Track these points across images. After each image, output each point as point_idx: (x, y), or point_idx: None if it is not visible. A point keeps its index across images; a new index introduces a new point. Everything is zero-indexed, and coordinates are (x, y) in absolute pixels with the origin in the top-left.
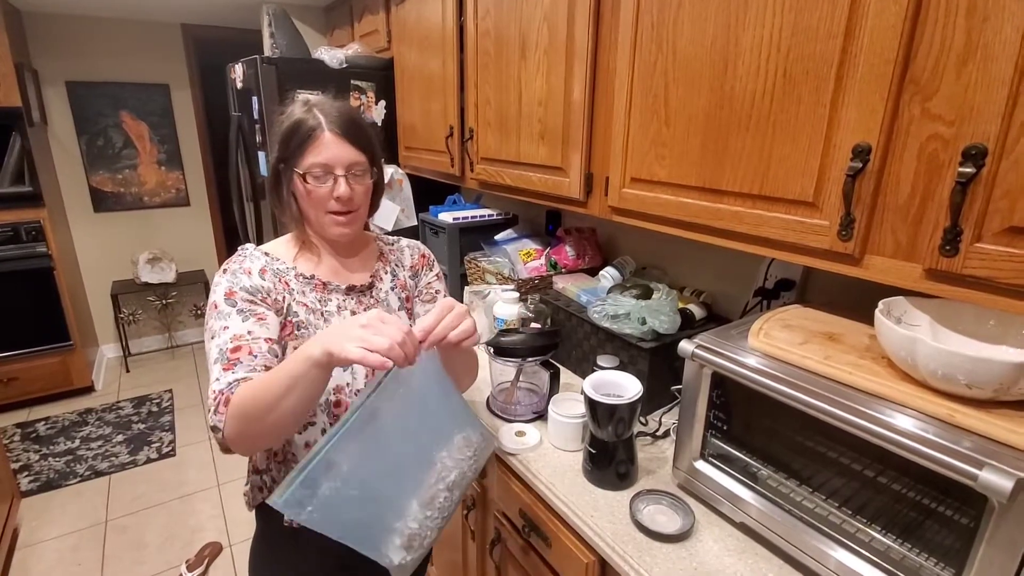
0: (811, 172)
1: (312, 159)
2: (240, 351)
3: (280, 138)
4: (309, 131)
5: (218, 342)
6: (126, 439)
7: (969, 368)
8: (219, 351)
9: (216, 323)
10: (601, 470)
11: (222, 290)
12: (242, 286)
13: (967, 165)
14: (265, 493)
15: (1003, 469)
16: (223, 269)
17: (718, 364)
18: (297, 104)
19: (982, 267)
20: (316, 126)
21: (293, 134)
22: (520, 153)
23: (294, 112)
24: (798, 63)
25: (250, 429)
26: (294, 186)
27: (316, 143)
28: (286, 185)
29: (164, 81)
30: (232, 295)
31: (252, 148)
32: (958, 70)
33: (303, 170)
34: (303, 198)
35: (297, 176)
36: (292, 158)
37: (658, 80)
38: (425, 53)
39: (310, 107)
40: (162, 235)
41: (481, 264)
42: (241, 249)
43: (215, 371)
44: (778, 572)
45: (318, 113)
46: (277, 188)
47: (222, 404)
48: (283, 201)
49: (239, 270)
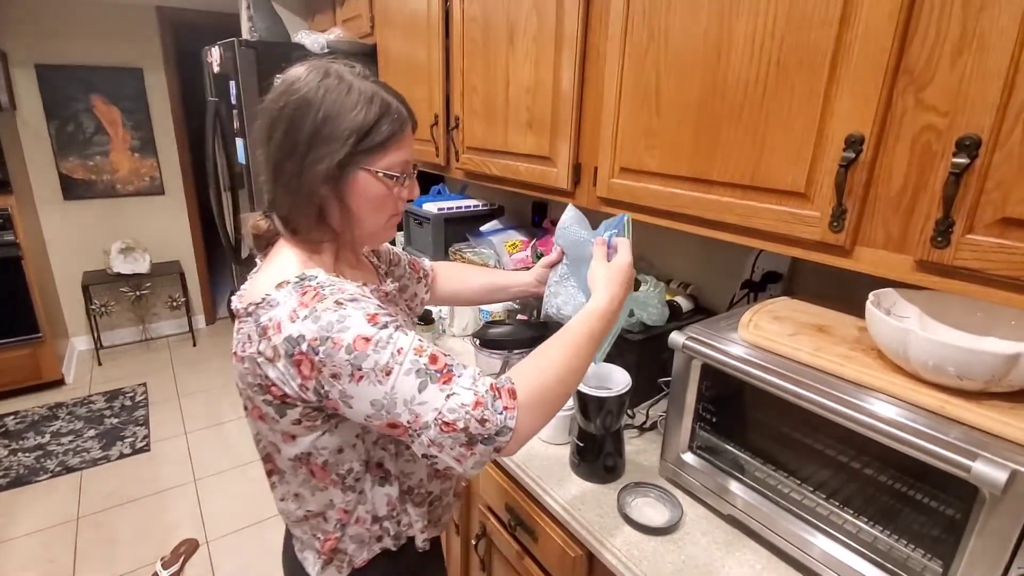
0: (803, 163)
1: (395, 156)
2: (438, 359)
3: (354, 128)
4: (399, 123)
5: (407, 368)
6: (98, 434)
7: (961, 360)
8: (420, 373)
9: (383, 356)
10: (589, 463)
11: (357, 323)
12: (375, 305)
13: (961, 156)
14: (388, 541)
15: (996, 461)
16: (313, 310)
17: (709, 356)
18: (357, 82)
19: (973, 259)
20: (404, 118)
21: (379, 125)
22: (507, 142)
23: (368, 95)
24: (792, 52)
25: (547, 411)
26: (355, 187)
27: (404, 137)
28: (340, 187)
29: (138, 65)
30: (375, 318)
31: (229, 135)
32: (953, 60)
33: (382, 168)
34: (367, 201)
35: (370, 175)
36: (368, 154)
37: (649, 69)
38: (410, 39)
39: (379, 88)
40: (135, 224)
41: (466, 255)
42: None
43: (437, 394)
44: (766, 564)
45: (391, 97)
46: (317, 191)
47: (507, 398)
48: (326, 206)
49: (346, 296)
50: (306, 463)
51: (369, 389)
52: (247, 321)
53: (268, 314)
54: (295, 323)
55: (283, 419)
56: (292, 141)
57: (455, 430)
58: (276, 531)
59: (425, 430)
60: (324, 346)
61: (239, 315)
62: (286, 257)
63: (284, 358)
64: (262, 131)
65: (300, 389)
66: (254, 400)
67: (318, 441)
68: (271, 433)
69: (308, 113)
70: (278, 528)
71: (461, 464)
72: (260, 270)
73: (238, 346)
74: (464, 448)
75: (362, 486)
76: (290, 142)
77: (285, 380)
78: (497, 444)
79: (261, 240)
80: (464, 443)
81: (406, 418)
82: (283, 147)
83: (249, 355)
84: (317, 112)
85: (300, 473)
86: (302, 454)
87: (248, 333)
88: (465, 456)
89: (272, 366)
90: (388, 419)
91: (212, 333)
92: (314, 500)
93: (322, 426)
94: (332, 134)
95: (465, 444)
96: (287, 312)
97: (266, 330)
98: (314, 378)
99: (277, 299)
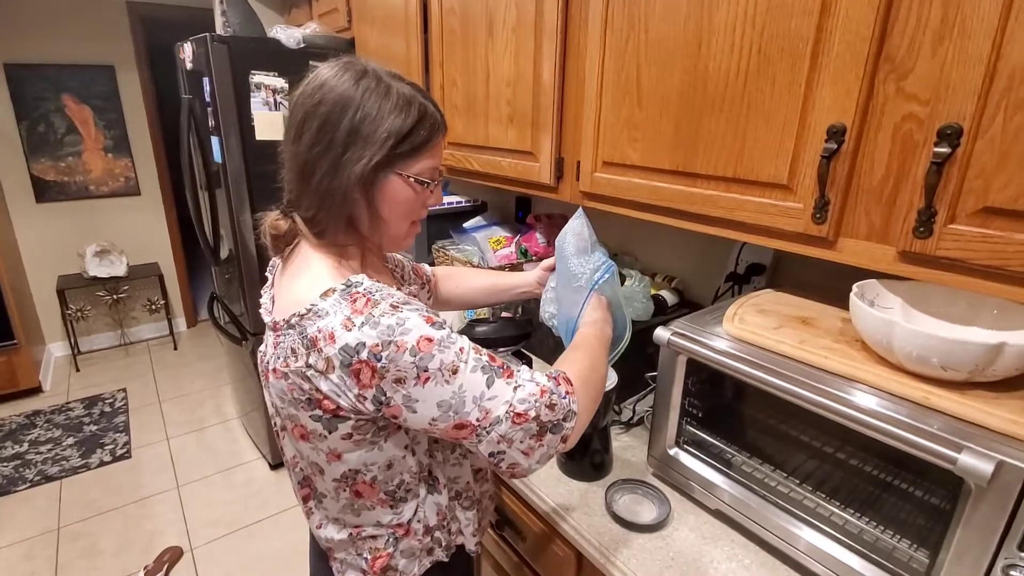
0: (785, 154)
1: (428, 162)
2: (495, 358)
3: (392, 131)
4: (433, 129)
5: (472, 364)
6: (77, 442)
7: (945, 350)
8: (485, 370)
9: (448, 355)
10: (576, 461)
11: (417, 324)
12: (425, 308)
13: (942, 145)
14: (439, 553)
15: (982, 452)
16: (370, 315)
17: (695, 351)
18: (395, 84)
19: (956, 248)
20: (439, 124)
21: (416, 129)
22: (488, 137)
23: (407, 98)
24: (773, 41)
25: (595, 396)
26: (386, 191)
27: (437, 143)
28: (371, 190)
29: (109, 62)
30: (432, 320)
31: (205, 133)
32: (934, 48)
33: (415, 174)
34: (397, 205)
35: (402, 180)
36: (403, 158)
37: (630, 60)
38: (387, 33)
39: (416, 92)
40: (111, 226)
41: (450, 252)
42: (351, 286)
43: (505, 387)
44: (754, 558)
45: (427, 103)
46: (349, 193)
47: (565, 384)
48: (354, 210)
49: (399, 299)
50: (352, 483)
51: (437, 390)
52: (288, 334)
53: (317, 324)
54: (351, 331)
55: (332, 435)
56: (327, 139)
57: (527, 420)
58: (262, 537)
59: (496, 425)
60: (387, 351)
61: (276, 328)
62: (317, 264)
63: (339, 368)
64: (291, 127)
65: (357, 400)
66: (297, 418)
67: (367, 456)
68: (314, 453)
69: (346, 111)
70: (264, 534)
71: (529, 457)
72: (290, 279)
73: (277, 361)
74: (534, 440)
75: (413, 497)
76: (325, 140)
77: (340, 392)
78: (564, 432)
79: (280, 241)
80: (535, 434)
81: (476, 416)
82: (315, 145)
83: (295, 369)
84: (356, 111)
85: (343, 496)
86: (349, 472)
87: (291, 346)
88: (533, 449)
89: (324, 378)
90: (456, 419)
91: (193, 336)
92: (360, 519)
93: (372, 440)
94: (371, 135)
95: (535, 435)
96: (340, 321)
97: (315, 342)
98: (374, 386)
99: (325, 308)
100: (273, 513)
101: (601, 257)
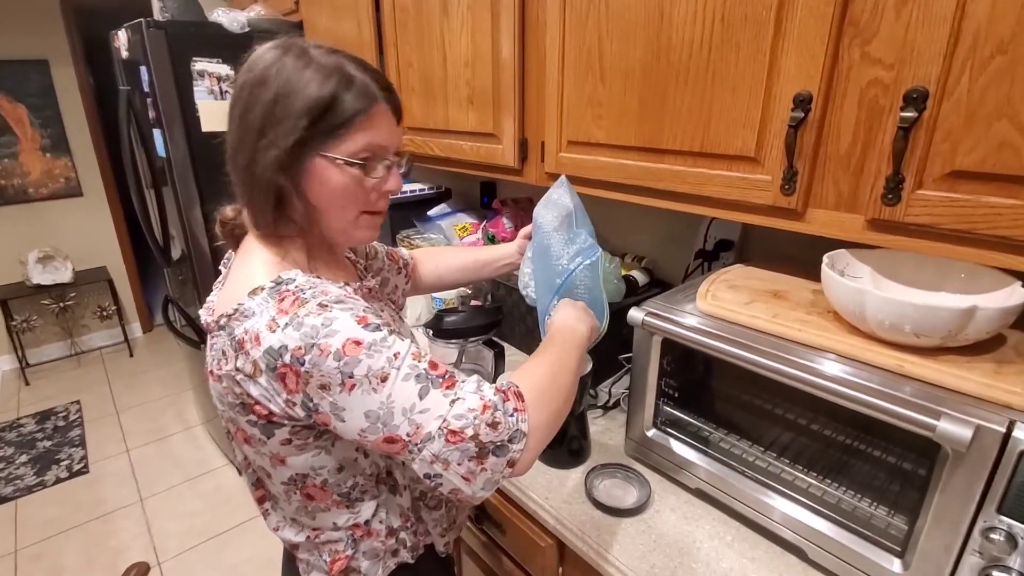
0: (752, 125)
1: (360, 140)
2: (438, 365)
3: (306, 106)
4: (365, 100)
5: (405, 372)
6: (31, 459)
7: (918, 317)
8: (420, 379)
9: (377, 361)
10: (553, 448)
11: (346, 325)
12: (363, 306)
13: (908, 109)
14: (404, 554)
15: (960, 418)
16: (295, 315)
17: (670, 331)
18: (319, 56)
19: (924, 214)
20: (373, 94)
21: (337, 103)
22: (448, 120)
23: (328, 69)
24: (736, 7)
25: (554, 421)
26: (313, 176)
27: (372, 117)
28: (296, 176)
29: (42, 57)
30: (365, 320)
31: (146, 126)
32: (898, 9)
33: (343, 155)
34: (329, 192)
35: (329, 163)
36: (326, 138)
37: (591, 33)
38: (337, 13)
39: (346, 61)
40: (53, 230)
41: (415, 242)
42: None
43: (441, 400)
44: (735, 534)
45: (358, 71)
46: (272, 180)
47: (515, 399)
48: (286, 198)
49: (330, 298)
50: (301, 486)
51: (363, 398)
52: (220, 335)
53: (243, 325)
54: (275, 333)
55: (271, 440)
56: (246, 125)
57: (463, 439)
58: (234, 546)
59: (428, 443)
60: (310, 354)
61: (210, 329)
62: (256, 258)
63: (266, 372)
64: (228, 116)
65: (287, 405)
66: (237, 422)
67: (314, 460)
68: (259, 457)
69: (263, 92)
70: (237, 542)
71: (470, 484)
72: (233, 273)
73: (213, 363)
74: (474, 462)
75: (372, 497)
76: (244, 126)
77: (269, 397)
78: (511, 455)
79: (227, 230)
80: (474, 455)
81: (406, 430)
82: (238, 132)
83: (226, 373)
84: (271, 90)
85: (295, 499)
86: (297, 475)
87: (222, 348)
88: (474, 473)
89: (253, 383)
90: (386, 432)
91: (150, 341)
92: (316, 522)
93: (315, 444)
94: (283, 114)
95: (475, 457)
96: (265, 322)
97: (243, 344)
98: (301, 391)
99: (252, 308)
100: (245, 520)
101: (586, 238)
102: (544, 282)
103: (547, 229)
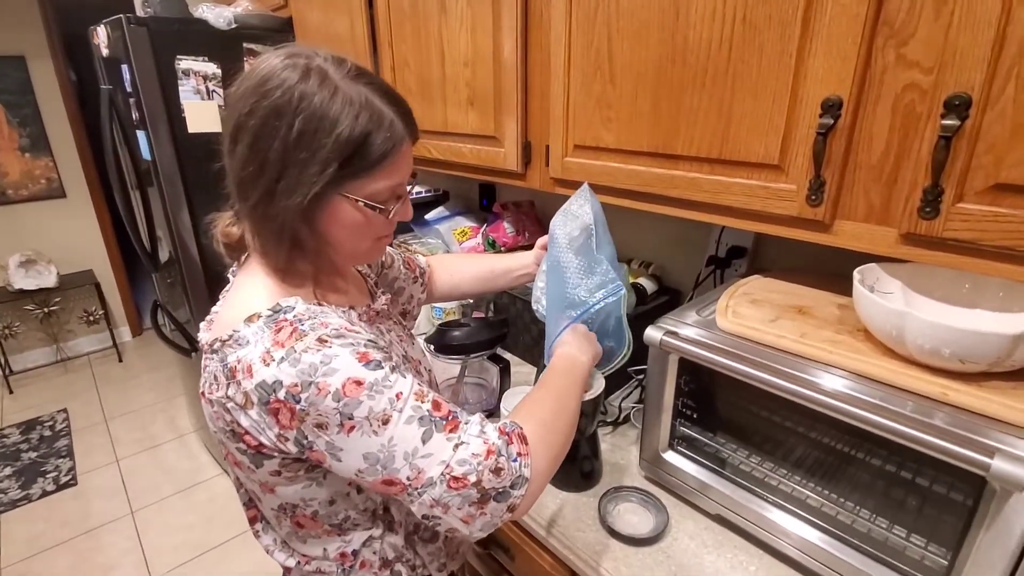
0: (776, 131)
1: (385, 182)
2: (441, 405)
3: (336, 148)
4: (392, 142)
5: (408, 415)
6: (15, 471)
7: (966, 343)
8: (423, 421)
9: (378, 403)
10: (564, 471)
11: (346, 364)
12: (365, 340)
13: (950, 117)
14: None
15: (1017, 455)
16: (291, 350)
17: (690, 352)
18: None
19: (964, 229)
20: (401, 134)
21: (367, 144)
22: (447, 122)
23: (357, 103)
24: (759, 6)
25: (554, 466)
26: (330, 214)
27: (398, 159)
28: (310, 216)
29: (19, 53)
30: (366, 357)
31: (129, 126)
32: (937, 9)
33: (365, 197)
34: (344, 229)
35: (350, 203)
36: (351, 179)
37: (600, 31)
38: (329, 10)
39: (372, 92)
40: (35, 233)
41: (413, 247)
42: (278, 312)
43: (444, 444)
44: (759, 563)
45: (384, 105)
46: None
47: (519, 443)
48: (299, 234)
49: (330, 332)
50: (291, 515)
51: (363, 440)
52: (212, 359)
53: (236, 354)
54: (269, 367)
55: (260, 470)
56: (259, 160)
57: (466, 485)
58: (228, 560)
59: (429, 488)
60: (307, 392)
61: (203, 350)
62: (258, 280)
63: (258, 406)
64: (225, 134)
65: (278, 440)
66: (227, 446)
67: (304, 492)
68: (249, 482)
69: (280, 125)
70: (233, 555)
71: (468, 526)
72: (233, 292)
73: (205, 386)
74: (474, 507)
75: (364, 529)
76: (256, 161)
77: (260, 429)
78: (512, 500)
79: (233, 250)
80: (475, 501)
81: (406, 474)
82: (248, 165)
83: (217, 399)
84: (291, 124)
85: (285, 525)
86: (287, 504)
87: (214, 373)
88: (474, 516)
89: (244, 413)
90: (384, 475)
91: (139, 345)
92: (306, 547)
93: (306, 476)
94: (308, 156)
95: (476, 502)
96: (259, 353)
97: (235, 372)
98: (295, 428)
99: (247, 336)
100: (241, 532)
101: (607, 269)
102: (556, 305)
103: (563, 244)
